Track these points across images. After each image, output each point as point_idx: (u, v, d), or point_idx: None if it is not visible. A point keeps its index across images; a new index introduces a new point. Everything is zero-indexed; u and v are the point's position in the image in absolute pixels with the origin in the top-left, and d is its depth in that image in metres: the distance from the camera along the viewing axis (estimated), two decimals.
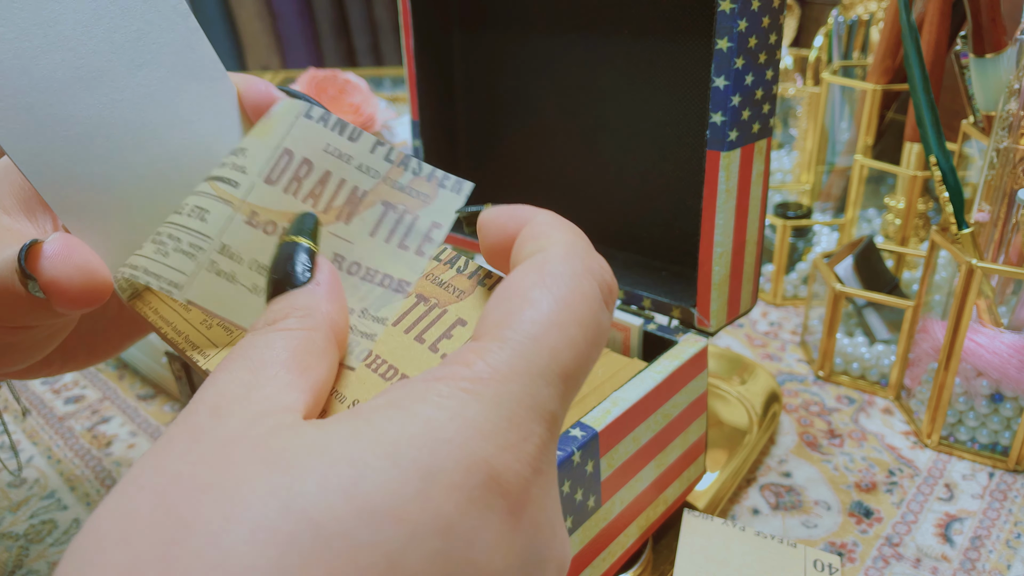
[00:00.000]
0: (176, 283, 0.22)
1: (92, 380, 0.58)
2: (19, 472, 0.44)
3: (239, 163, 0.23)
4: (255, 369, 0.17)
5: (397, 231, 0.22)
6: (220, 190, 0.23)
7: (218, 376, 0.17)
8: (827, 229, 0.69)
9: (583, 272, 0.18)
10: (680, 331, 0.39)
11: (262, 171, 0.23)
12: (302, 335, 0.18)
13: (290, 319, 0.19)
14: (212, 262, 0.22)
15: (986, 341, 0.44)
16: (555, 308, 0.17)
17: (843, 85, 0.66)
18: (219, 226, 0.22)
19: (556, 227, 0.19)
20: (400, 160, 0.23)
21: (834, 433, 0.49)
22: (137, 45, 0.23)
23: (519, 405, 0.16)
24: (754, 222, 0.38)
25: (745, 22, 0.32)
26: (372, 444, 0.14)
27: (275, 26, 1.63)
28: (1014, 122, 0.42)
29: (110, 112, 0.23)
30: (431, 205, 0.22)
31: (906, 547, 0.40)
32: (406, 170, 0.23)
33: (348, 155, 0.23)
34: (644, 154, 0.43)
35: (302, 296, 0.20)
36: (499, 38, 0.47)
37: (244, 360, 0.17)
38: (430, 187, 0.23)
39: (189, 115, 0.25)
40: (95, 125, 0.23)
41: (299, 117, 0.23)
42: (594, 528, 0.33)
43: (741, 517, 0.43)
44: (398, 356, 0.21)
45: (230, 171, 0.23)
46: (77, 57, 0.22)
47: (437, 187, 0.22)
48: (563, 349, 0.17)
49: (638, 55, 0.40)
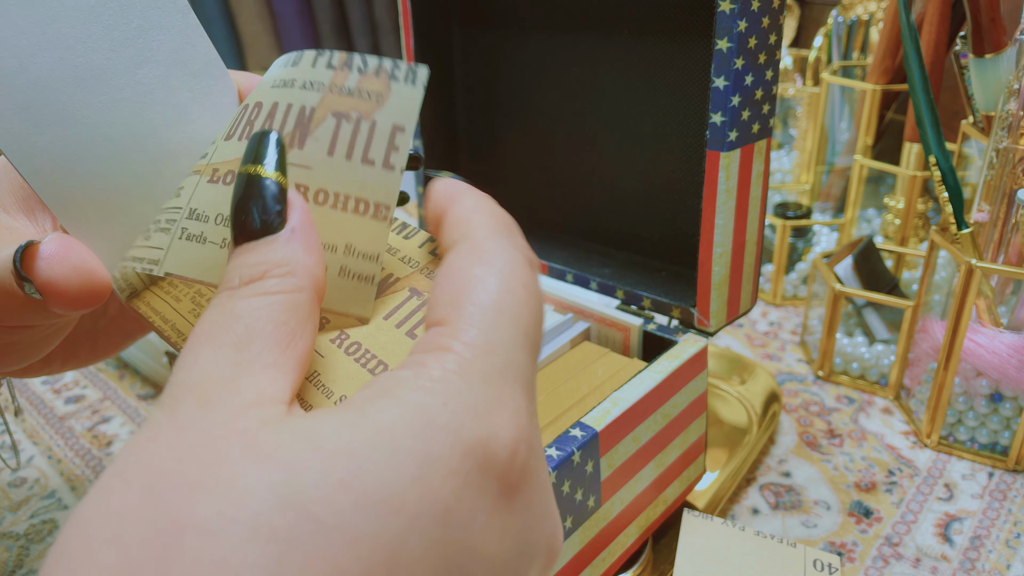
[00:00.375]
0: (155, 259, 0.21)
1: (92, 380, 0.58)
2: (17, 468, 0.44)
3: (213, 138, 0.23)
4: (240, 344, 0.16)
5: (357, 144, 0.20)
6: (196, 165, 0.22)
7: (200, 352, 0.16)
8: (827, 229, 0.69)
9: (509, 246, 0.18)
10: (680, 331, 0.39)
11: (225, 132, 0.22)
12: (285, 299, 0.17)
13: (269, 279, 0.17)
14: (183, 229, 0.21)
15: (985, 341, 0.44)
16: (500, 278, 0.17)
17: (843, 85, 0.66)
18: (188, 194, 0.22)
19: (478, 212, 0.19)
20: (343, 62, 0.20)
21: (834, 433, 0.49)
22: (136, 43, 0.23)
23: (503, 377, 0.16)
24: (754, 222, 0.38)
25: (745, 22, 0.32)
26: (368, 434, 0.14)
27: (275, 26, 1.63)
28: (1013, 122, 0.42)
29: (109, 111, 0.23)
30: (387, 104, 0.19)
31: (906, 547, 0.40)
32: (351, 71, 0.20)
33: (291, 79, 0.21)
34: (644, 154, 0.43)
35: (279, 248, 0.18)
36: (499, 38, 0.47)
37: (228, 334, 0.16)
38: (380, 83, 0.20)
39: (189, 113, 0.24)
40: (94, 124, 0.22)
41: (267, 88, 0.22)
42: (594, 528, 0.33)
43: (741, 517, 0.43)
44: (390, 352, 0.20)
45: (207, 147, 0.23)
46: (75, 56, 0.22)
47: (388, 81, 0.19)
48: (520, 312, 0.17)
49: (638, 55, 0.40)
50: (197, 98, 0.24)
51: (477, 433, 0.15)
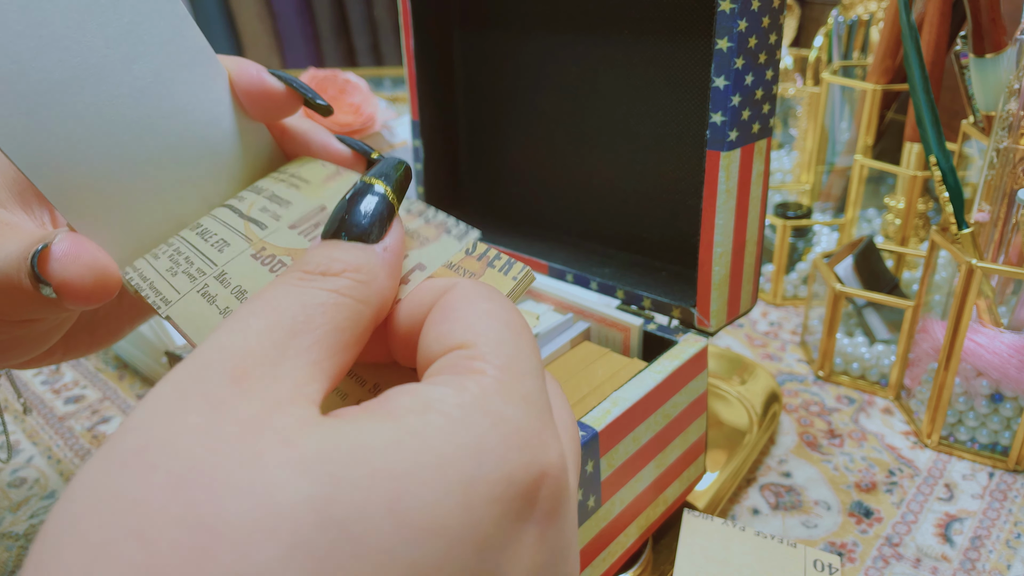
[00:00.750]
0: (167, 300, 0.22)
1: (92, 380, 0.58)
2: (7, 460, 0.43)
3: (279, 213, 0.23)
4: (294, 331, 0.15)
5: None
6: (250, 230, 0.23)
7: (250, 322, 0.15)
8: (827, 229, 0.69)
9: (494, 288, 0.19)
10: (680, 331, 0.39)
11: (292, 220, 0.23)
12: (351, 305, 0.17)
13: (344, 279, 0.17)
14: (205, 285, 0.22)
15: (986, 341, 0.44)
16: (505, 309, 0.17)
17: (843, 85, 0.66)
18: (229, 256, 0.22)
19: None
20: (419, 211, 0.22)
21: (834, 433, 0.49)
22: (130, 38, 0.23)
23: (540, 403, 0.16)
24: (754, 222, 0.38)
25: (745, 22, 0.32)
26: (415, 453, 0.13)
27: (275, 26, 1.63)
28: (1014, 122, 0.42)
29: (108, 109, 0.23)
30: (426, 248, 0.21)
31: (906, 547, 0.40)
32: (419, 217, 0.22)
33: None
34: (644, 154, 0.43)
35: (364, 254, 0.17)
36: (499, 38, 0.47)
37: (286, 316, 0.16)
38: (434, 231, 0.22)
39: (184, 104, 0.24)
40: (94, 123, 0.23)
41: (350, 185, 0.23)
42: (594, 528, 0.33)
43: (741, 517, 0.43)
44: None
45: (267, 217, 0.23)
46: (72, 56, 0.22)
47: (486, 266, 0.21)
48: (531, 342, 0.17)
49: (638, 55, 0.40)
50: (191, 88, 0.25)
51: (524, 458, 0.14)
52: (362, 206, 0.18)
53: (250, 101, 0.26)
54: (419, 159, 0.51)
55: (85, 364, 0.61)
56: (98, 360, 0.61)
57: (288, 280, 0.17)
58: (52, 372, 0.60)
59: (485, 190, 0.53)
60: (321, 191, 0.24)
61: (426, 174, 0.51)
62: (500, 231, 0.51)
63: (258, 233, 0.23)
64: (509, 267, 0.20)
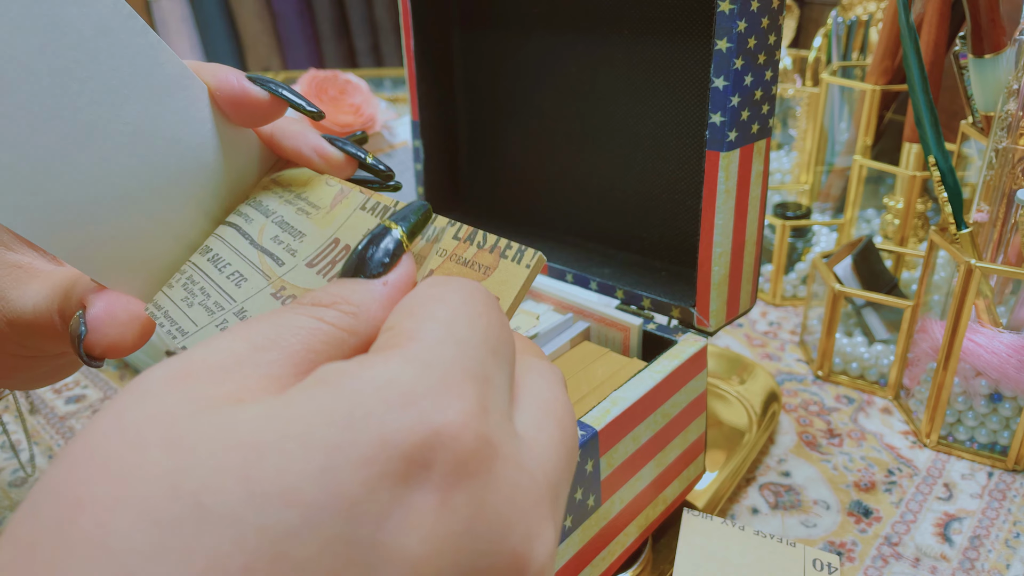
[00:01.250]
0: (184, 331, 0.23)
1: (93, 380, 0.58)
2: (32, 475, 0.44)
3: (294, 246, 0.23)
4: (260, 347, 0.16)
5: None
6: (266, 265, 0.23)
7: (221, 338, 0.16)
8: (826, 229, 0.69)
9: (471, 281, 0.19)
10: (679, 331, 0.39)
11: (308, 256, 0.23)
12: (330, 332, 0.17)
13: (332, 310, 0.17)
14: (224, 320, 0.22)
15: (985, 341, 0.44)
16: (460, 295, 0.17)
17: (842, 85, 0.66)
18: (248, 294, 0.23)
19: None
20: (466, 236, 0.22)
21: (833, 433, 0.50)
22: (113, 85, 0.22)
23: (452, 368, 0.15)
24: (753, 222, 0.38)
25: (744, 23, 0.32)
26: (283, 423, 0.13)
27: (275, 26, 1.63)
28: (1013, 122, 0.42)
29: (107, 161, 0.23)
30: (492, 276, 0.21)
31: (905, 546, 0.40)
32: (471, 244, 0.22)
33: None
34: (644, 154, 0.43)
35: (359, 290, 0.18)
36: (499, 38, 0.47)
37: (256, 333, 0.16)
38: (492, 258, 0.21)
39: (174, 133, 0.24)
40: (97, 179, 0.23)
41: (356, 209, 0.23)
42: (594, 527, 0.33)
43: (740, 516, 0.43)
44: None
45: (282, 251, 0.23)
46: (64, 124, 0.21)
47: (499, 258, 0.21)
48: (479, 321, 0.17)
49: (638, 55, 0.41)
50: (177, 115, 0.24)
51: (405, 419, 0.14)
52: (369, 248, 0.19)
53: (233, 110, 0.26)
54: (419, 159, 0.51)
55: None
56: None
57: (284, 311, 0.17)
58: None
59: (485, 190, 0.53)
60: (331, 219, 0.24)
61: (426, 174, 0.51)
62: (500, 231, 0.50)
63: (276, 270, 0.23)
64: (521, 255, 0.20)
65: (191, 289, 0.24)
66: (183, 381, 0.15)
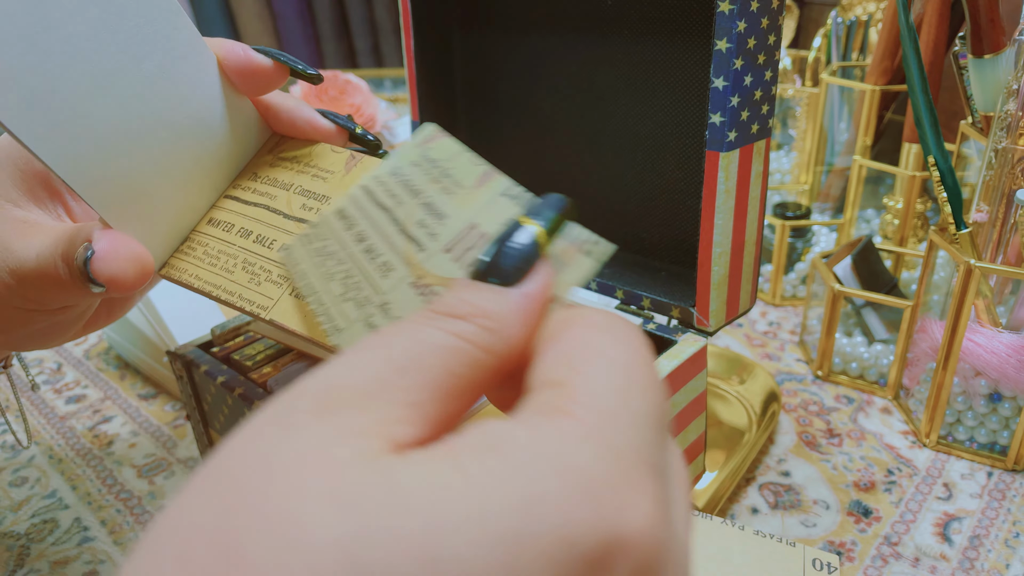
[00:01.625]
0: (338, 327, 0.23)
1: (93, 380, 0.58)
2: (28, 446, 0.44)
3: (434, 230, 0.23)
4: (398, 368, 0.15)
5: None
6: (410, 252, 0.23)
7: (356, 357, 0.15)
8: (826, 229, 0.69)
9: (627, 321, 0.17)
10: (679, 331, 0.39)
11: (446, 241, 0.23)
12: (470, 352, 0.15)
13: (468, 323, 0.16)
14: (370, 315, 0.23)
15: (984, 341, 0.44)
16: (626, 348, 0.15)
17: (842, 86, 0.66)
18: (391, 284, 0.23)
19: None
20: None
21: (833, 432, 0.50)
22: (136, 39, 0.25)
23: (635, 456, 0.14)
24: (753, 222, 0.38)
25: (744, 23, 0.32)
26: (459, 500, 0.12)
27: (276, 27, 1.63)
28: (1012, 122, 0.42)
29: (126, 108, 0.25)
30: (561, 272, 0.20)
31: (905, 546, 0.40)
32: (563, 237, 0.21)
33: None
34: (644, 154, 0.43)
35: (498, 301, 0.16)
36: (499, 38, 0.47)
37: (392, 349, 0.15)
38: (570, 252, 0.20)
39: (186, 93, 0.27)
40: (117, 123, 0.25)
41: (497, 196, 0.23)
42: None
43: (740, 516, 0.43)
44: None
45: (423, 234, 0.23)
46: (92, 66, 0.24)
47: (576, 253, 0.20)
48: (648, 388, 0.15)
49: (638, 55, 0.41)
50: (189, 77, 0.27)
51: (587, 514, 0.12)
52: (505, 245, 0.17)
53: (241, 79, 0.28)
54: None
55: (86, 364, 0.61)
56: (99, 360, 0.61)
57: (413, 319, 0.16)
58: (53, 372, 0.60)
59: None
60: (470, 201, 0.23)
61: None
62: None
63: (417, 256, 0.23)
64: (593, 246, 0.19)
65: (347, 284, 0.24)
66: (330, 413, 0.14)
